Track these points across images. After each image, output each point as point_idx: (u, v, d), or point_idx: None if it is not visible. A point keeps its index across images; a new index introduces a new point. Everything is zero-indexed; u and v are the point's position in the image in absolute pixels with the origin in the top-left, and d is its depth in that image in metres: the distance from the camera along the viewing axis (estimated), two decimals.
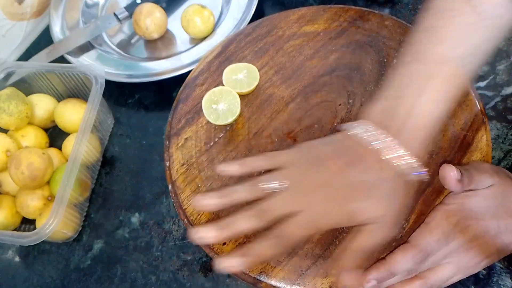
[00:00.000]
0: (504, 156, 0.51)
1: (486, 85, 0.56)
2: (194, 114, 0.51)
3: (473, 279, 0.45)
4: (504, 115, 0.53)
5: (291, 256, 0.42)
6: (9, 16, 0.68)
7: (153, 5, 0.66)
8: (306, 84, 0.52)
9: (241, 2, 0.66)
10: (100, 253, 0.52)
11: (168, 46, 0.68)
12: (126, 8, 0.68)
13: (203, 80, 0.54)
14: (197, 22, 0.63)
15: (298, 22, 0.56)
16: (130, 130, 0.61)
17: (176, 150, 0.49)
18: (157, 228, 0.53)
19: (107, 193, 0.56)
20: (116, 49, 0.69)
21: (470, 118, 0.46)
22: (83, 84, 0.59)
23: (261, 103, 0.51)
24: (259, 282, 0.41)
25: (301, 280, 0.40)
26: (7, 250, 0.54)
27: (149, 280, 0.50)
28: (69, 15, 0.70)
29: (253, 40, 0.56)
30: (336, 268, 0.38)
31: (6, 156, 0.52)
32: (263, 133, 0.49)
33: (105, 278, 0.51)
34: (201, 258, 0.50)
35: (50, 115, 0.59)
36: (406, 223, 0.41)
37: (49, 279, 0.52)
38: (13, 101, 0.53)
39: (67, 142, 0.57)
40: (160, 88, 0.63)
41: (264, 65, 0.54)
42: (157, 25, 0.65)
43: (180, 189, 0.47)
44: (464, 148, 0.45)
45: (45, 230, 0.45)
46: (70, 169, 0.48)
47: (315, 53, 0.54)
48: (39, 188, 0.52)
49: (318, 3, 0.69)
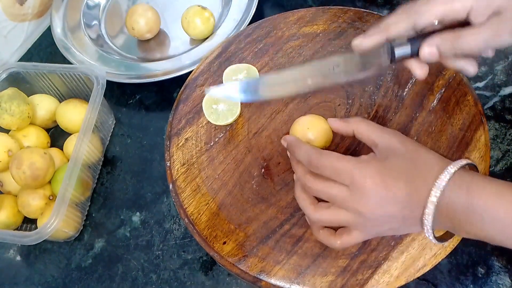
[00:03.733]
0: (502, 156, 0.51)
1: (485, 85, 0.56)
2: (194, 114, 0.52)
3: (472, 278, 0.45)
4: (503, 115, 0.54)
5: (291, 255, 0.42)
6: (11, 17, 0.69)
7: (144, 5, 0.66)
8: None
9: (241, 3, 0.66)
10: (101, 252, 0.53)
11: (169, 47, 0.68)
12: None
13: (204, 80, 0.54)
14: (198, 23, 0.64)
15: (298, 23, 0.57)
16: (131, 130, 0.61)
17: (176, 150, 0.49)
18: (158, 227, 0.53)
19: (108, 193, 0.56)
20: (117, 49, 0.69)
21: (469, 118, 0.47)
22: (84, 84, 0.59)
23: (261, 103, 0.52)
24: (259, 280, 0.41)
25: (301, 279, 0.41)
26: (8, 249, 0.55)
27: (150, 278, 0.50)
28: (70, 16, 0.70)
29: (253, 41, 0.56)
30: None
31: (8, 156, 0.52)
32: (263, 133, 0.50)
33: (106, 277, 0.51)
34: (202, 257, 0.50)
35: (51, 115, 0.59)
36: None
37: (51, 278, 0.52)
38: (15, 101, 0.54)
39: (69, 142, 0.57)
40: (160, 89, 0.64)
41: (264, 66, 0.54)
42: (149, 25, 0.66)
43: (181, 188, 0.47)
44: (462, 147, 0.45)
45: (47, 229, 0.45)
46: (72, 169, 0.48)
47: (314, 54, 0.54)
48: (40, 188, 0.52)
49: (317, 4, 0.69)
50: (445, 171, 0.34)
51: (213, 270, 0.49)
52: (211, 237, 0.44)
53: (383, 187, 0.35)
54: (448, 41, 0.36)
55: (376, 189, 0.35)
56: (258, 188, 0.46)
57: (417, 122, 0.48)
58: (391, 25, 0.38)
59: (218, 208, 0.45)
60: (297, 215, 0.44)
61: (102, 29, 0.72)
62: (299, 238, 0.43)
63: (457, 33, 0.36)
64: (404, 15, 0.37)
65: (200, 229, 0.44)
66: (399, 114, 0.48)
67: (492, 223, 0.33)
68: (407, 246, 0.41)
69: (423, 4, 0.36)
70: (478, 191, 0.33)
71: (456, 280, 0.45)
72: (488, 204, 0.33)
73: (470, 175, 0.34)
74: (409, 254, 0.40)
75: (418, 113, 0.48)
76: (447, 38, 0.36)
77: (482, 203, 0.33)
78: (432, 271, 0.40)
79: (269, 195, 0.46)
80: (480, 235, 0.34)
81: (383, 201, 0.35)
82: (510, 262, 0.45)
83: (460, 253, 0.46)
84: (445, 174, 0.34)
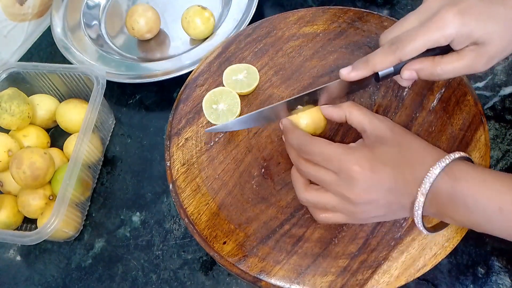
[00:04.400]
0: (502, 156, 0.51)
1: (485, 85, 0.56)
2: (194, 114, 0.52)
3: (472, 278, 0.45)
4: (503, 115, 0.54)
5: (291, 255, 0.42)
6: (11, 17, 0.69)
7: (144, 5, 0.66)
8: (305, 84, 0.52)
9: (241, 3, 0.66)
10: (101, 252, 0.53)
11: (169, 47, 0.69)
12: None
13: (204, 80, 0.54)
14: (198, 23, 0.64)
15: (298, 23, 0.57)
16: (131, 130, 0.61)
17: (176, 150, 0.49)
18: (158, 227, 0.53)
19: (108, 193, 0.57)
20: (117, 49, 0.69)
21: (469, 118, 0.47)
22: (84, 84, 0.59)
23: (261, 103, 0.52)
24: (259, 280, 0.41)
25: (301, 278, 0.41)
26: (8, 249, 0.55)
27: (150, 278, 0.50)
28: (70, 16, 0.70)
29: (253, 41, 0.56)
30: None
31: (8, 156, 0.52)
32: (262, 133, 0.50)
33: (106, 277, 0.51)
34: (202, 257, 0.50)
35: (51, 115, 0.59)
36: (405, 222, 0.42)
37: (51, 278, 0.52)
38: (15, 101, 0.54)
39: (69, 142, 0.57)
40: (160, 89, 0.64)
41: (264, 66, 0.54)
42: (149, 25, 0.66)
43: (181, 188, 0.47)
44: (462, 147, 0.45)
45: (47, 229, 0.45)
46: (72, 169, 0.48)
47: (314, 54, 0.54)
48: (40, 188, 0.52)
49: (317, 4, 0.69)
50: (437, 164, 0.34)
51: (213, 270, 0.49)
52: (211, 237, 0.44)
53: (369, 173, 0.35)
54: (428, 67, 0.38)
55: (362, 174, 0.35)
56: (258, 188, 0.46)
57: (417, 122, 0.48)
58: (377, 64, 0.39)
59: (218, 208, 0.45)
60: (297, 215, 0.44)
61: (102, 29, 0.72)
62: (299, 238, 0.43)
63: (436, 61, 0.38)
64: (389, 51, 0.38)
65: (200, 229, 0.44)
66: (399, 114, 0.48)
67: (476, 209, 0.34)
68: (407, 246, 0.41)
69: (407, 39, 0.37)
70: (463, 178, 0.34)
71: (456, 280, 0.45)
72: (472, 190, 0.34)
73: (458, 164, 0.35)
74: (409, 254, 0.40)
75: (418, 113, 0.48)
76: (426, 65, 0.38)
77: (465, 189, 0.34)
78: (432, 271, 0.40)
79: (269, 195, 0.46)
80: (467, 222, 0.35)
81: (370, 186, 0.36)
82: (510, 262, 0.45)
83: (460, 253, 0.46)
84: (436, 167, 0.34)
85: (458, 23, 0.35)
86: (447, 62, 0.37)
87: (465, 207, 0.34)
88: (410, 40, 0.37)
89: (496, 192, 0.33)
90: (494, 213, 0.33)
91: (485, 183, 0.34)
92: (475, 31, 0.35)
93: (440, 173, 0.34)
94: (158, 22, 0.68)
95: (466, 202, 0.34)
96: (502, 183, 0.33)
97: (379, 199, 0.36)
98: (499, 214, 0.33)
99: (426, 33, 0.36)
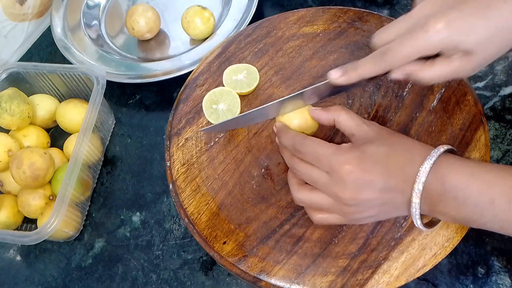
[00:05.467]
0: (502, 156, 0.51)
1: (485, 85, 0.56)
2: (194, 114, 0.52)
3: (472, 278, 0.45)
4: (503, 115, 0.54)
5: (291, 255, 0.42)
6: (11, 17, 0.69)
7: (144, 5, 0.66)
8: (305, 84, 0.52)
9: (241, 3, 0.66)
10: (101, 252, 0.53)
11: (169, 47, 0.69)
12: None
13: (204, 80, 0.54)
14: (198, 23, 0.64)
15: (298, 23, 0.57)
16: (131, 130, 0.61)
17: (176, 150, 0.49)
18: (158, 227, 0.53)
19: (109, 193, 0.57)
20: (117, 49, 0.69)
21: (469, 118, 0.47)
22: (84, 84, 0.59)
23: (261, 103, 0.52)
24: (259, 280, 0.41)
25: (301, 278, 0.41)
26: (8, 249, 0.55)
27: (150, 278, 0.50)
28: (70, 16, 0.70)
29: (253, 41, 0.56)
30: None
31: (8, 156, 0.52)
32: (262, 133, 0.50)
33: (106, 277, 0.51)
34: (202, 257, 0.50)
35: (51, 115, 0.59)
36: (405, 222, 0.42)
37: (51, 278, 0.52)
38: (15, 101, 0.54)
39: (69, 142, 0.57)
40: (160, 89, 0.64)
41: (264, 66, 0.54)
42: (149, 25, 0.66)
43: (181, 188, 0.47)
44: (462, 147, 0.45)
45: (47, 229, 0.45)
46: (72, 169, 0.48)
47: (314, 54, 0.54)
48: (40, 188, 0.52)
49: (317, 4, 0.69)
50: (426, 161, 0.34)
51: (213, 270, 0.49)
52: (211, 237, 0.44)
53: (360, 172, 0.35)
54: (416, 72, 0.38)
55: (353, 174, 0.35)
56: (258, 188, 0.46)
57: (417, 122, 0.48)
58: (366, 71, 0.39)
59: (218, 208, 0.45)
60: (297, 215, 0.44)
61: (102, 29, 0.72)
62: (299, 238, 0.43)
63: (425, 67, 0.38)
64: (379, 60, 0.38)
65: (200, 229, 0.44)
66: (399, 114, 0.48)
67: (467, 203, 0.34)
68: (407, 246, 0.41)
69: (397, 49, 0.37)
70: (452, 172, 0.34)
71: (456, 280, 0.45)
72: (461, 184, 0.34)
73: (446, 158, 0.35)
74: (409, 254, 0.40)
75: (418, 113, 0.48)
76: (415, 69, 0.38)
77: (455, 183, 0.34)
78: (432, 271, 0.41)
79: (269, 195, 0.46)
80: (458, 217, 0.35)
81: (361, 185, 0.36)
82: (510, 262, 0.45)
83: (460, 253, 0.46)
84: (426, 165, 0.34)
85: (446, 34, 0.35)
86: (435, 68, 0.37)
87: (456, 201, 0.34)
88: (399, 50, 0.37)
89: (486, 184, 0.33)
90: (485, 205, 0.33)
91: (474, 176, 0.34)
92: (462, 43, 0.35)
93: (431, 169, 0.34)
94: (158, 22, 0.68)
95: (457, 196, 0.34)
96: (491, 174, 0.34)
97: (372, 198, 0.36)
98: (491, 206, 0.33)
99: (415, 45, 0.36)
